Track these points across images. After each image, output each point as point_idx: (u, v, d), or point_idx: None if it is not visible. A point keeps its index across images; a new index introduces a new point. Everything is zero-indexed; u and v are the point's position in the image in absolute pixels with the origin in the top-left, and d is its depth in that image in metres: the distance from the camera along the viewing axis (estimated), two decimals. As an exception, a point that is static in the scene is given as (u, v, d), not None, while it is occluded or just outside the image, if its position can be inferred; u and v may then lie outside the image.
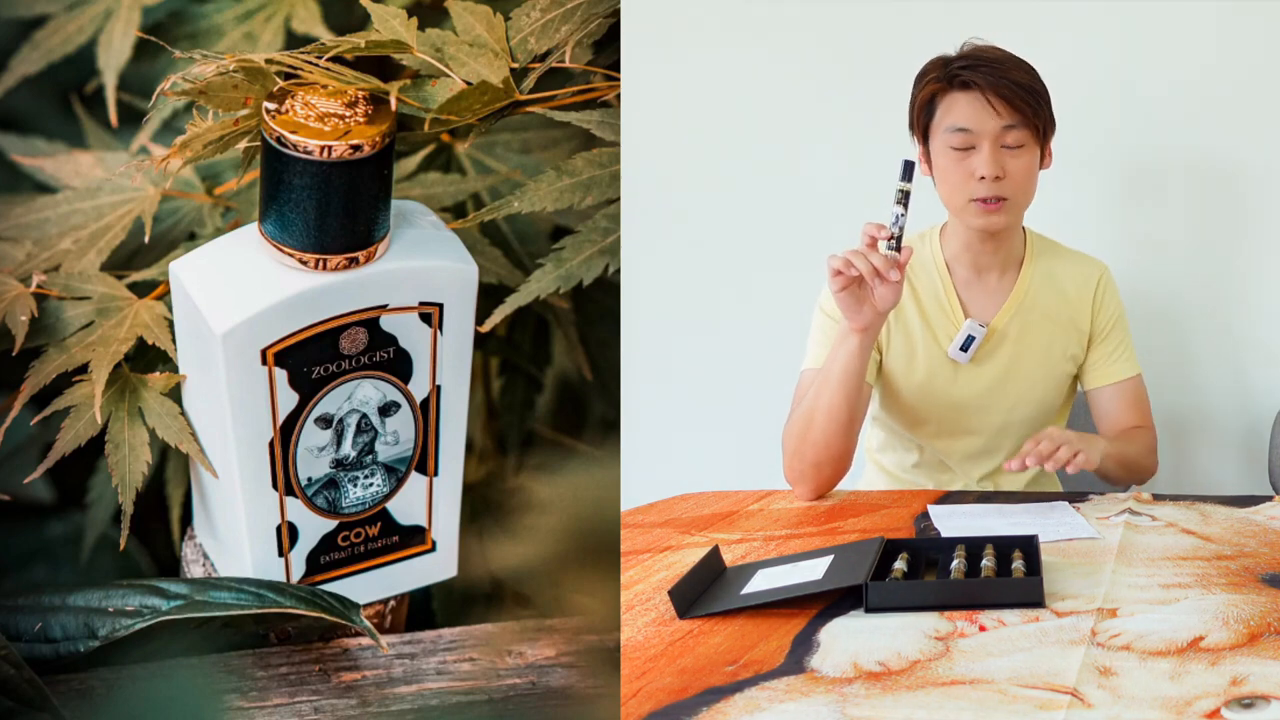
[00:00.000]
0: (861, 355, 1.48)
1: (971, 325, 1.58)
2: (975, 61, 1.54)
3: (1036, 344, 1.60)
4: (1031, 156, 1.54)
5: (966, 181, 1.53)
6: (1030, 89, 1.53)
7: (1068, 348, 1.62)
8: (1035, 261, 1.61)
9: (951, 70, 1.54)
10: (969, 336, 1.58)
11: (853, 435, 1.53)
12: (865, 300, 1.45)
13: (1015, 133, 1.53)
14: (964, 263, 1.60)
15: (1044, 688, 1.00)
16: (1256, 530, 1.36)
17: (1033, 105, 1.53)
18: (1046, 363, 1.61)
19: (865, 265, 1.41)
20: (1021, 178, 1.54)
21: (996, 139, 1.52)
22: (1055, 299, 1.61)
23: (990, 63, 1.54)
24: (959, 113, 1.53)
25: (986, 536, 1.31)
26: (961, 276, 1.60)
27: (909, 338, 1.59)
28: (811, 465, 1.53)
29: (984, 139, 1.52)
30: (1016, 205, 1.55)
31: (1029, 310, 1.60)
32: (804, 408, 1.53)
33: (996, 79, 1.52)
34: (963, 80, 1.53)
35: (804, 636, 1.12)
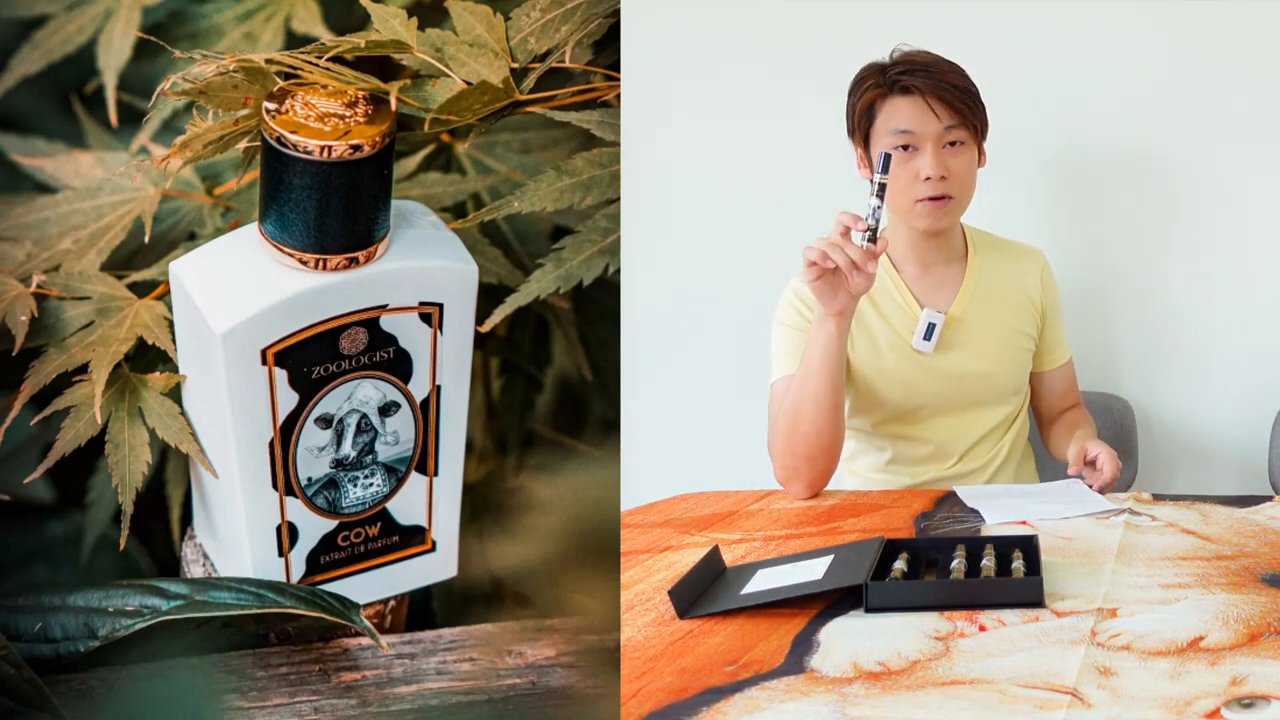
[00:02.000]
0: (839, 339, 1.51)
1: (930, 313, 1.63)
2: (912, 67, 1.59)
3: (996, 324, 1.66)
4: (971, 155, 1.61)
5: (912, 183, 1.59)
6: (967, 91, 1.60)
7: (1024, 326, 1.67)
8: (979, 252, 1.67)
9: (890, 76, 1.59)
10: (929, 324, 1.63)
11: (840, 422, 1.56)
12: (840, 287, 1.48)
13: (955, 133, 1.59)
14: (910, 260, 1.65)
15: (1044, 688, 1.00)
16: (1256, 530, 1.37)
17: (970, 106, 1.59)
18: (1010, 341, 1.67)
19: (843, 258, 1.45)
20: (964, 175, 1.60)
21: (938, 140, 1.58)
22: (1006, 282, 1.67)
23: (926, 67, 1.59)
24: (901, 116, 1.59)
25: (986, 536, 1.31)
26: (910, 273, 1.65)
27: (872, 338, 1.63)
28: (804, 459, 1.55)
29: (926, 141, 1.58)
30: (960, 203, 1.62)
31: (984, 296, 1.65)
32: (788, 404, 1.56)
33: (936, 83, 1.58)
34: (903, 85, 1.59)
35: (804, 636, 1.12)
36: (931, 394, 1.64)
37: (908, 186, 1.58)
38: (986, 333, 1.65)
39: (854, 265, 1.44)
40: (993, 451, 1.67)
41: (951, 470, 1.66)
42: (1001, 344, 1.66)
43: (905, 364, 1.63)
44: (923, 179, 1.57)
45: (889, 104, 1.59)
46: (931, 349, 1.62)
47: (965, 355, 1.64)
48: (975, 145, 1.60)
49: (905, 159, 1.58)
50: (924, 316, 1.62)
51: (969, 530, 1.41)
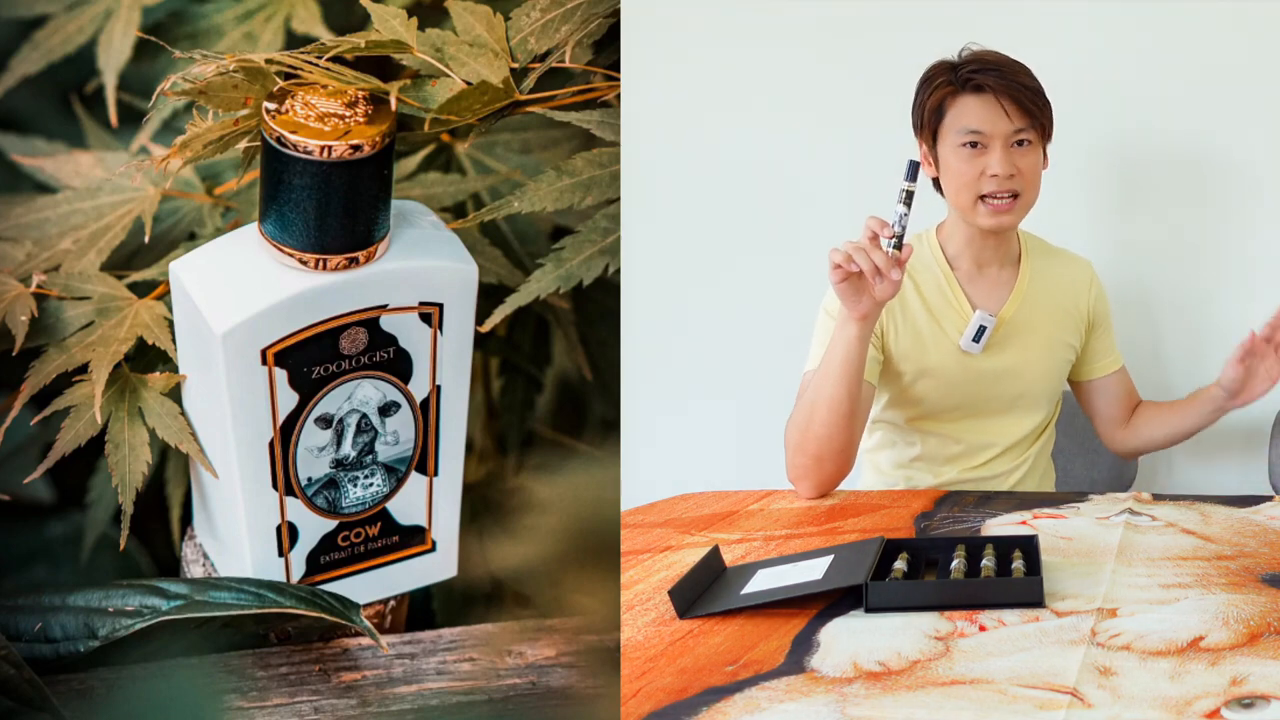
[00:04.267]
0: (860, 343, 1.50)
1: (982, 316, 1.62)
2: (984, 66, 1.59)
3: (1042, 331, 1.66)
4: (1038, 156, 1.61)
5: (978, 180, 1.58)
6: (1037, 92, 1.59)
7: (1068, 337, 1.68)
8: (1031, 257, 1.67)
9: (962, 75, 1.59)
10: (980, 327, 1.62)
11: (854, 429, 1.55)
12: (865, 291, 1.47)
13: (1025, 134, 1.58)
14: (966, 258, 1.64)
15: (1044, 688, 1.00)
16: (1256, 530, 1.37)
17: (1040, 107, 1.59)
18: (1051, 349, 1.67)
19: (867, 263, 1.44)
20: (1031, 175, 1.60)
21: (1008, 139, 1.58)
22: (1055, 290, 1.67)
23: (997, 67, 1.59)
24: (971, 115, 1.58)
25: (986, 536, 1.31)
26: (964, 271, 1.64)
27: (917, 334, 1.62)
28: (814, 459, 1.54)
29: (996, 140, 1.58)
30: (1026, 202, 1.61)
31: (1034, 301, 1.65)
32: (805, 401, 1.55)
33: (1008, 83, 1.58)
34: (975, 84, 1.58)
35: (804, 636, 1.12)
36: (970, 394, 1.64)
37: (973, 183, 1.58)
38: (1032, 338, 1.65)
39: (877, 271, 1.44)
40: (1018, 460, 1.67)
41: (975, 473, 1.66)
42: (1045, 351, 1.66)
43: (949, 363, 1.63)
44: (990, 175, 1.58)
45: (960, 102, 1.59)
46: (979, 351, 1.63)
47: (1009, 358, 1.64)
48: (1041, 146, 1.61)
49: (973, 156, 1.58)
50: (975, 318, 1.62)
51: (969, 530, 1.41)
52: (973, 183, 1.58)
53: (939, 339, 1.63)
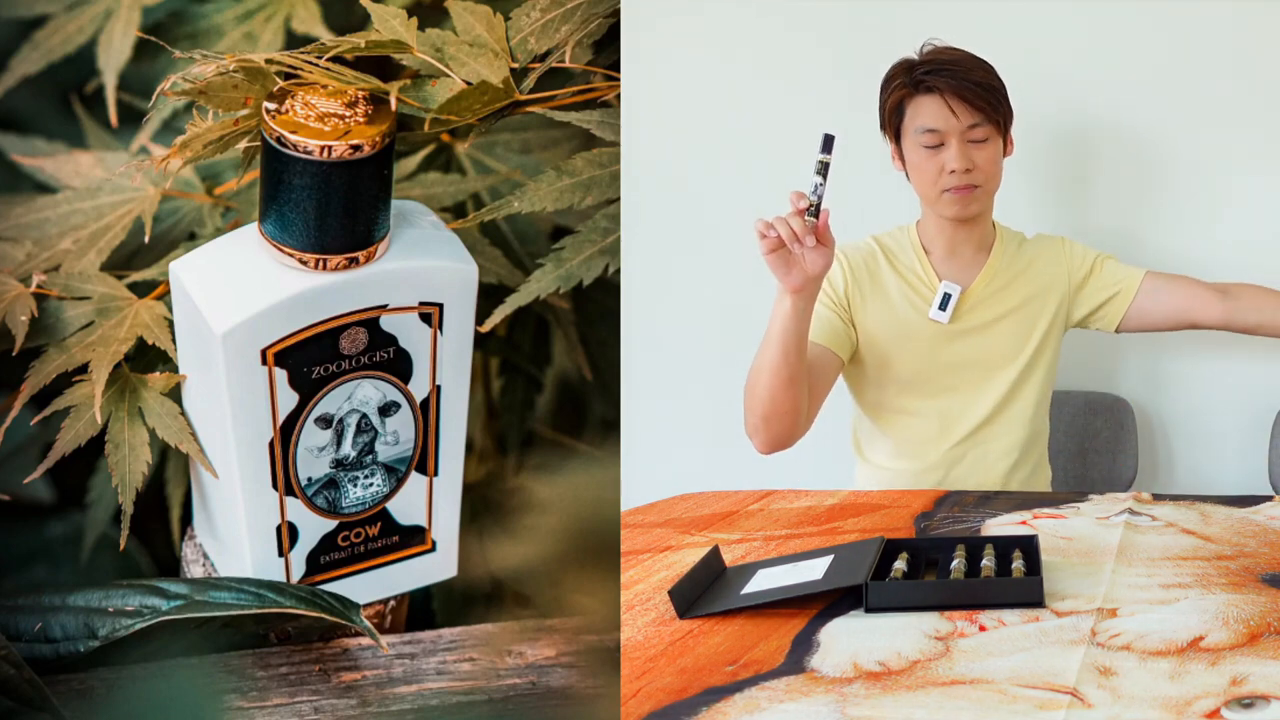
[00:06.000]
0: (795, 317, 1.53)
1: (947, 284, 1.69)
2: (937, 66, 1.65)
3: (1012, 303, 1.70)
4: (995, 147, 1.66)
5: (939, 175, 1.65)
6: (988, 87, 1.65)
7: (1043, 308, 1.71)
8: (1005, 242, 1.72)
9: (915, 76, 1.65)
10: (945, 294, 1.68)
11: (795, 393, 1.57)
12: (795, 264, 1.49)
13: (979, 129, 1.64)
14: (939, 244, 1.71)
15: (1044, 688, 1.00)
16: (1256, 530, 1.37)
17: (991, 103, 1.65)
18: (1024, 322, 1.70)
19: (785, 229, 1.47)
20: (988, 167, 1.66)
21: (963, 135, 1.64)
22: (1029, 269, 1.71)
23: (950, 65, 1.65)
24: (926, 115, 1.65)
25: (986, 536, 1.31)
26: (938, 255, 1.71)
27: (891, 308, 1.68)
28: (761, 419, 1.58)
29: (951, 136, 1.64)
30: (986, 191, 1.67)
31: (1003, 278, 1.70)
32: (752, 365, 1.59)
33: (958, 82, 1.64)
34: (926, 85, 1.65)
35: (804, 636, 1.12)
36: (941, 365, 1.68)
37: (935, 179, 1.65)
38: (1001, 309, 1.69)
39: (795, 237, 1.47)
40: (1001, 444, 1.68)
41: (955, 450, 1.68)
42: (1014, 320, 1.70)
43: (920, 333, 1.68)
44: (948, 171, 1.64)
45: (914, 103, 1.65)
46: (947, 319, 1.68)
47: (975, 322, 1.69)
48: (1000, 137, 1.66)
49: (932, 154, 1.64)
50: (941, 287, 1.68)
51: (969, 530, 1.42)
52: (934, 178, 1.65)
53: (909, 313, 1.68)
